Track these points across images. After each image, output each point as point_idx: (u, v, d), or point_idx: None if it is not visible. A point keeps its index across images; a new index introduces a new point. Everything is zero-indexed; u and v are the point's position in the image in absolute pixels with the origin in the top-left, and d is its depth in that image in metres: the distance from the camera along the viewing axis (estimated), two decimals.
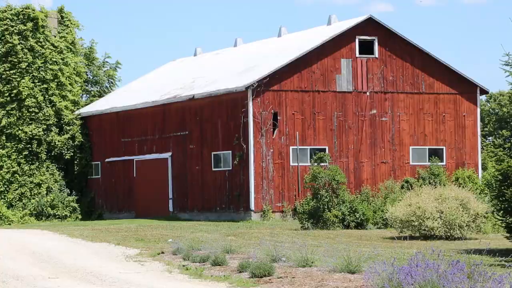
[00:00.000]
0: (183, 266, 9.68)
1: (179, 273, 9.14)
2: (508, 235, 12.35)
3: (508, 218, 11.83)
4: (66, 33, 28.49)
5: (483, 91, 24.89)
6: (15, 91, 25.60)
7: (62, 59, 27.06)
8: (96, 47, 30.92)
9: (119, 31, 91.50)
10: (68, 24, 28.41)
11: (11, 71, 25.73)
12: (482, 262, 5.52)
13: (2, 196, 25.86)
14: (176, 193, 24.71)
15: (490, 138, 28.43)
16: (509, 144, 16.57)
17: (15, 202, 25.73)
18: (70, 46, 28.09)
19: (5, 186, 25.91)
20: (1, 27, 26.99)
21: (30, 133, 25.74)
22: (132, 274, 9.09)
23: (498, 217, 13.05)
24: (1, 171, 25.70)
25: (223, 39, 76.39)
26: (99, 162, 28.19)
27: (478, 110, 24.49)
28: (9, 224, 24.19)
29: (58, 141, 26.19)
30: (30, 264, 10.99)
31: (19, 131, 25.73)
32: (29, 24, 26.57)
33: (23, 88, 25.32)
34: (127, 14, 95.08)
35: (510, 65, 11.92)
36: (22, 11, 27.03)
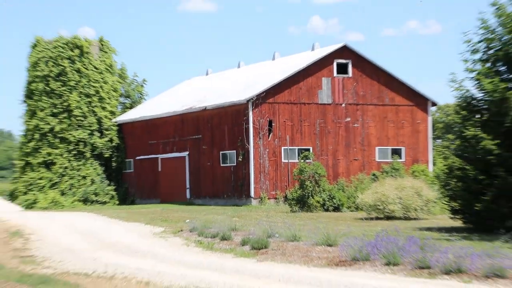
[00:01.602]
0: (198, 241, 10.97)
1: (195, 246, 10.42)
2: (452, 216, 13.95)
3: (452, 202, 13.45)
4: (105, 58, 32.99)
5: (433, 104, 28.29)
6: (65, 103, 29.88)
7: (102, 78, 31.35)
8: (126, 67, 34.89)
9: (146, 55, 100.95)
10: (106, 51, 33.00)
11: (62, 88, 30.04)
12: (431, 237, 6.69)
13: (56, 186, 29.58)
14: (192, 184, 27.95)
15: (439, 140, 33.12)
16: (453, 145, 19.74)
17: (66, 191, 29.43)
18: (108, 68, 32.48)
19: (59, 178, 29.61)
20: (54, 53, 31.24)
21: (77, 136, 29.79)
22: (158, 248, 10.49)
23: (445, 202, 14.93)
24: (55, 167, 29.49)
25: (229, 62, 79.95)
26: (131, 160, 32.11)
27: (430, 118, 27.50)
28: (61, 208, 27.65)
29: (99, 143, 30.33)
30: (79, 240, 12.94)
31: (69, 135, 29.84)
32: (76, 51, 30.95)
33: (72, 101, 29.60)
34: (153, 42, 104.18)
35: (455, 81, 13.02)
36: (71, 40, 31.63)
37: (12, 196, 32.22)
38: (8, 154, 69.02)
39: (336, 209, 21.05)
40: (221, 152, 25.99)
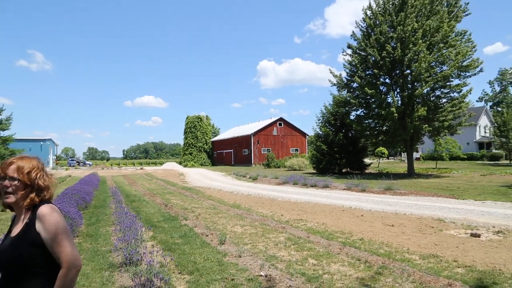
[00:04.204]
0: (235, 177, 31.03)
1: (235, 178, 30.80)
2: (314, 171, 33.78)
3: (313, 164, 33.99)
4: (212, 125, 76.79)
5: (307, 134, 67.31)
6: (201, 142, 79.96)
7: (207, 130, 74.95)
8: (211, 122, 77.84)
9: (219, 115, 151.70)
10: (210, 122, 75.82)
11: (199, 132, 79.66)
12: (306, 176, 31.24)
13: (194, 160, 69.00)
14: (233, 160, 68.27)
15: (309, 146, 76.86)
16: (313, 146, 37.17)
17: (196, 161, 68.63)
18: (209, 127, 75.24)
19: (195, 158, 70.27)
20: (189, 125, 72.46)
21: (203, 146, 71.80)
22: (223, 178, 33.51)
23: (313, 165, 34.50)
24: (192, 155, 72.34)
25: (241, 122, 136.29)
26: (216, 152, 74.34)
27: (306, 139, 67.44)
28: (195, 167, 63.76)
29: (207, 146, 73.23)
30: (199, 176, 39.07)
31: (197, 146, 78.14)
32: (200, 121, 72.62)
33: (200, 137, 79.59)
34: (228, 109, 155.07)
35: (314, 129, 54.46)
36: (197, 117, 73.55)
37: (180, 163, 70.26)
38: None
39: (279, 167, 47.64)
40: (243, 149, 64.86)
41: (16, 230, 1.93)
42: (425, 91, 25.77)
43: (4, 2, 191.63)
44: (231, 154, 71.05)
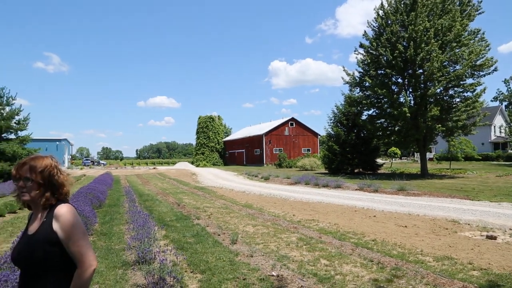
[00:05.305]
0: (247, 177, 31.61)
1: (246, 178, 31.32)
2: (326, 171, 33.55)
3: (325, 165, 33.77)
4: (224, 125, 76.82)
5: (318, 134, 67.72)
6: (215, 143, 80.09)
7: (219, 131, 79.15)
8: (225, 123, 79.03)
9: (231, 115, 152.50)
10: (222, 122, 76.82)
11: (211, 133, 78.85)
12: (318, 176, 30.22)
13: (206, 160, 69.70)
14: (245, 160, 69.37)
15: (321, 146, 76.70)
16: (325, 146, 37.06)
17: (208, 161, 69.05)
18: (221, 127, 75.82)
19: (207, 157, 70.87)
20: (201, 125, 73.14)
21: (215, 146, 72.29)
22: (234, 178, 33.96)
23: (325, 165, 34.20)
24: (204, 155, 73.25)
25: (253, 122, 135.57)
26: (228, 152, 74.82)
27: (318, 139, 67.90)
28: (207, 166, 65.05)
29: (219, 146, 73.64)
30: (211, 175, 40.15)
31: (209, 146, 74.89)
32: (212, 121, 72.34)
33: (212, 137, 79.34)
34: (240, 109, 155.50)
35: (326, 128, 54.37)
36: (209, 117, 74.11)
37: (192, 163, 71.48)
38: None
39: (291, 167, 47.24)
40: (254, 149, 65.88)
41: (33, 228, 1.97)
42: (438, 90, 25.46)
43: (22, 6, 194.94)
44: (243, 154, 71.33)
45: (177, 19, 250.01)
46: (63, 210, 1.92)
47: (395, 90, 27.74)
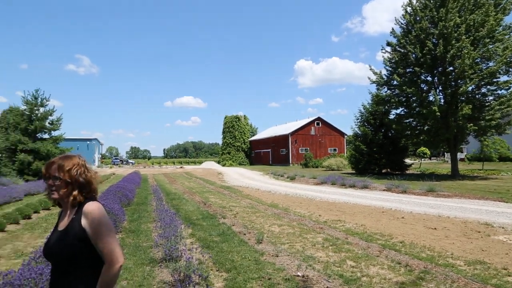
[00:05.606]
0: (273, 176, 31.73)
1: (272, 178, 31.63)
2: (353, 171, 33.29)
3: (352, 165, 33.22)
4: (250, 125, 77.11)
5: (345, 134, 66.68)
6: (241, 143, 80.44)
7: (245, 130, 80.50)
8: (251, 123, 79.30)
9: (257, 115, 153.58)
10: (248, 122, 77.10)
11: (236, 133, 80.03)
12: (345, 176, 30.75)
13: (232, 160, 69.82)
14: (271, 159, 69.50)
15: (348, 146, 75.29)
16: (352, 146, 35.59)
17: (234, 160, 69.49)
18: (247, 126, 76.79)
19: (232, 157, 71.19)
20: (227, 125, 73.94)
21: (238, 145, 72.44)
22: (260, 177, 34.07)
23: (351, 165, 33.76)
24: (230, 154, 73.64)
25: (280, 121, 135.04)
26: (254, 151, 75.07)
27: (344, 139, 66.83)
28: (233, 166, 64.96)
29: (245, 146, 74.15)
30: (237, 175, 39.37)
31: (235, 145, 75.26)
32: (237, 121, 72.69)
33: (238, 135, 79.62)
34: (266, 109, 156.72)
35: (352, 128, 52.32)
36: (235, 117, 74.49)
37: (218, 162, 72.10)
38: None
39: (317, 167, 47.02)
40: (280, 149, 65.94)
41: (62, 225, 2.04)
42: (469, 88, 24.65)
43: (54, 9, 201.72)
44: (268, 153, 71.38)
45: (203, 19, 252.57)
46: (91, 207, 1.97)
47: (424, 88, 27.05)
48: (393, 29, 28.80)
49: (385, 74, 29.33)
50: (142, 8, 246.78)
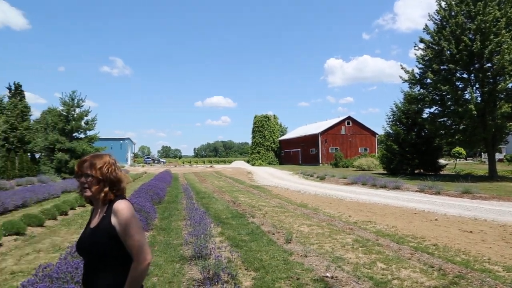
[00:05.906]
0: (303, 176, 32.14)
1: (302, 177, 31.76)
2: (384, 171, 32.07)
3: (383, 165, 32.37)
4: (280, 125, 78.02)
5: (376, 134, 65.80)
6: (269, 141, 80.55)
7: (275, 129, 77.44)
8: (278, 121, 78.85)
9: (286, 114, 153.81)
10: (277, 121, 77.52)
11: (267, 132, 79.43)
12: (376, 176, 29.53)
13: (261, 159, 70.67)
14: (301, 159, 69.26)
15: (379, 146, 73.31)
16: (384, 146, 34.88)
17: (264, 160, 70.60)
18: (277, 126, 76.10)
19: (262, 157, 71.60)
20: (257, 124, 73.91)
21: (268, 145, 73.29)
22: (290, 177, 34.42)
23: (383, 165, 32.86)
24: (260, 154, 74.10)
25: (309, 121, 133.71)
26: (283, 151, 74.76)
27: (376, 138, 65.56)
28: (262, 165, 66.29)
29: (274, 145, 74.06)
30: (266, 175, 41.24)
31: (264, 146, 76.07)
32: (267, 121, 72.88)
33: (267, 135, 79.57)
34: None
35: (384, 127, 52.41)
36: (264, 116, 74.62)
37: (248, 161, 74.00)
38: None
39: (348, 166, 46.90)
40: (310, 149, 65.25)
41: (94, 222, 2.11)
42: (509, 85, 23.60)
43: (90, 13, 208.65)
44: (298, 153, 70.92)
45: (233, 20, 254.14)
46: (121, 205, 2.03)
47: (460, 86, 26.14)
48: (426, 25, 28.00)
49: (417, 73, 28.56)
50: (172, 7, 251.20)
